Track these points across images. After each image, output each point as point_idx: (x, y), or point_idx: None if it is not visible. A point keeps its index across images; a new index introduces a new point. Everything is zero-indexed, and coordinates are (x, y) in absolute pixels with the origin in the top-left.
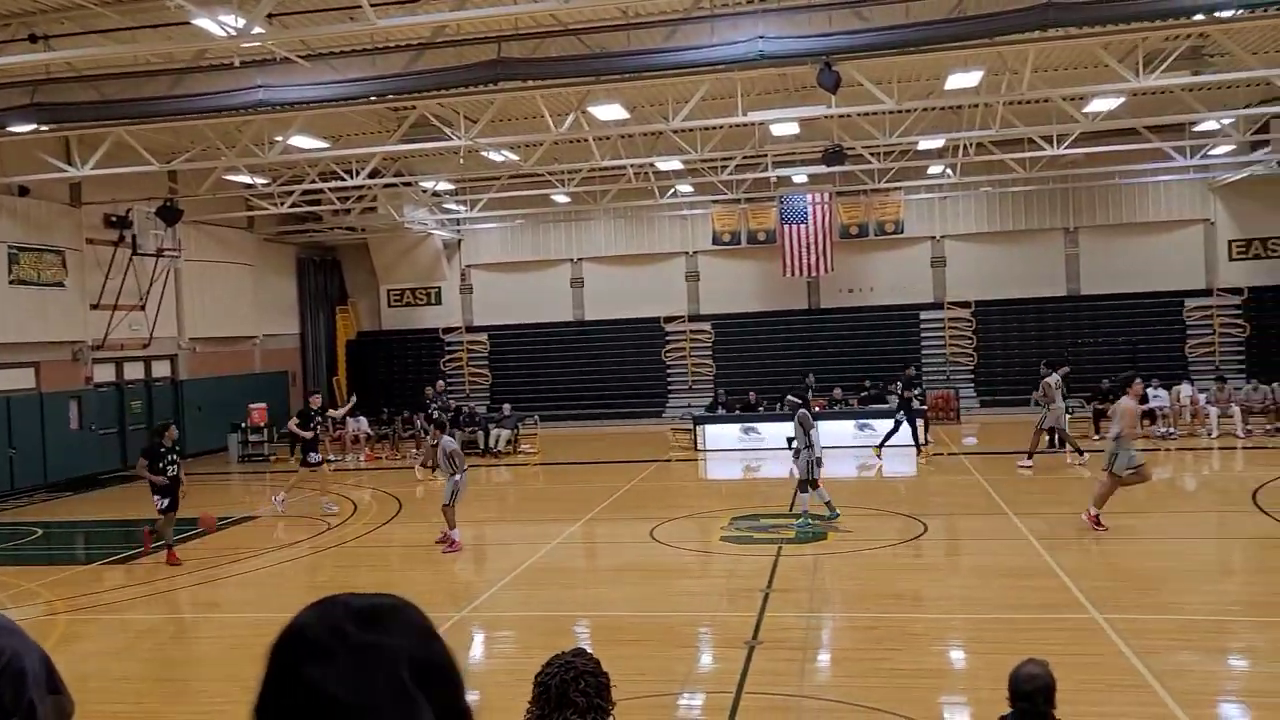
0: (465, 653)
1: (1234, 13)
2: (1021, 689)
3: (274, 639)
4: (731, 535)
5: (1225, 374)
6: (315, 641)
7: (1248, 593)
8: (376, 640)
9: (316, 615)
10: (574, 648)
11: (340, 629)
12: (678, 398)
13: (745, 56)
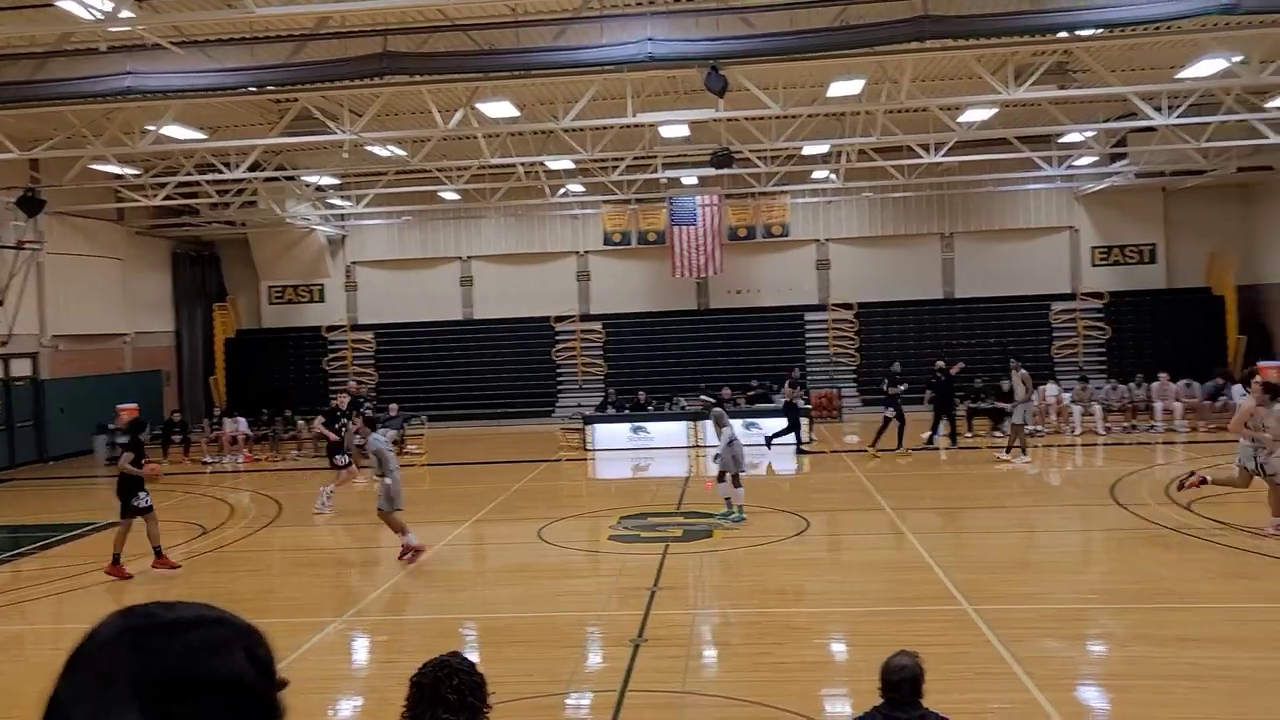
0: (348, 659)
1: (1093, 32)
2: (891, 679)
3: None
4: (620, 534)
5: (1087, 374)
6: (78, 652)
7: (1106, 582)
8: (111, 655)
9: (99, 626)
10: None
11: (107, 640)
12: (568, 397)
13: (634, 58)
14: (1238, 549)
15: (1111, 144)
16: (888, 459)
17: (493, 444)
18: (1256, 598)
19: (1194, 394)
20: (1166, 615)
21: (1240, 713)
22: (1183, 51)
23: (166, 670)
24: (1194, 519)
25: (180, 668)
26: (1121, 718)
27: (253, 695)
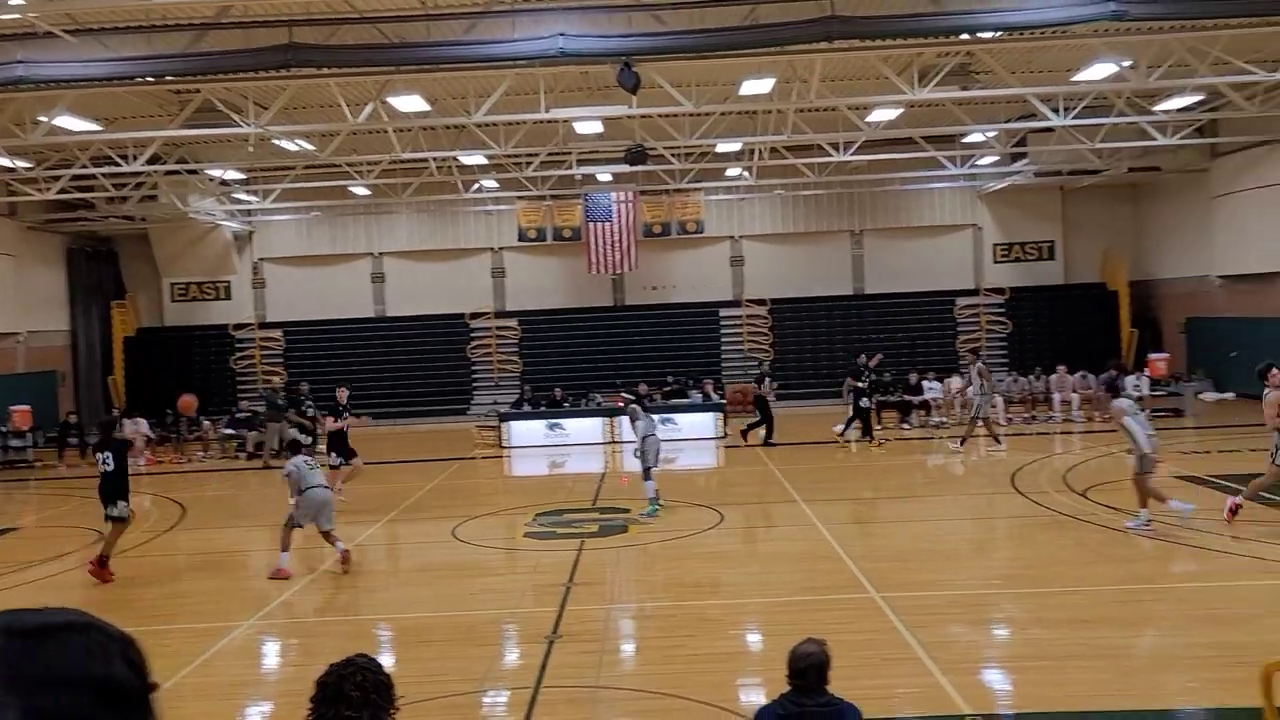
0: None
1: (993, 34)
2: (798, 666)
3: None
4: (535, 531)
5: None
6: None
7: (1007, 567)
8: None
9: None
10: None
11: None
12: (483, 394)
13: (546, 53)
14: (1124, 533)
15: (1012, 144)
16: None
17: (406, 442)
18: (1140, 579)
19: (1089, 385)
20: (1062, 598)
21: (1126, 689)
22: (1078, 55)
23: (43, 670)
24: (1087, 505)
25: (57, 668)
26: (1019, 698)
27: (132, 697)
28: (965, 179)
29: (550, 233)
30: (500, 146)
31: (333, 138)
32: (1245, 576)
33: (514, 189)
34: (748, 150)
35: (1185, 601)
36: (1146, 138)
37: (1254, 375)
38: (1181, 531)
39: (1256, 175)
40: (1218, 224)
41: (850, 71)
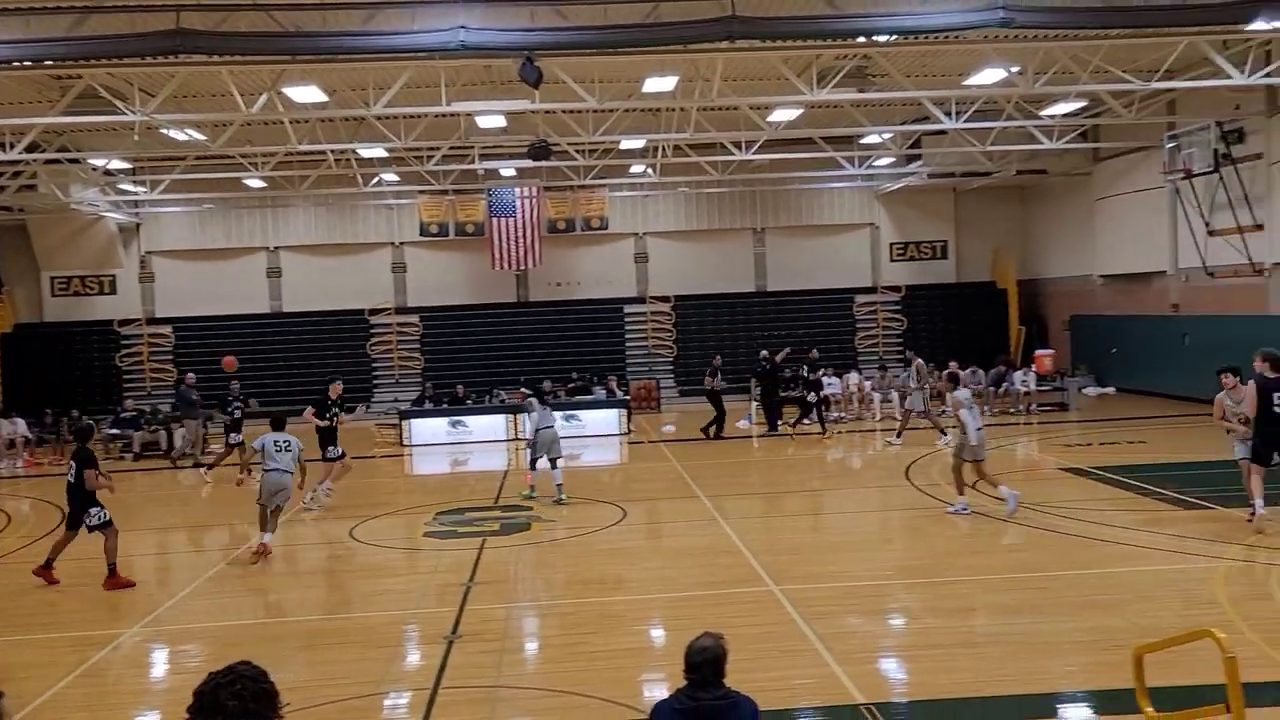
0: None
1: (889, 38)
2: (694, 661)
3: None
4: (436, 530)
5: (886, 363)
6: None
7: (902, 558)
8: None
9: None
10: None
11: None
12: (384, 392)
13: (447, 45)
14: (1012, 523)
15: (907, 146)
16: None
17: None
18: (1025, 568)
19: (980, 381)
20: (952, 588)
21: (1010, 675)
22: (969, 60)
23: None
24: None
25: None
26: (911, 686)
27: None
28: (863, 179)
29: (453, 228)
30: (401, 140)
31: (225, 128)
32: (1121, 564)
33: (415, 183)
34: (651, 147)
35: (1067, 588)
36: (1033, 141)
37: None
38: (1064, 522)
39: (1133, 180)
40: (1099, 226)
41: (751, 71)
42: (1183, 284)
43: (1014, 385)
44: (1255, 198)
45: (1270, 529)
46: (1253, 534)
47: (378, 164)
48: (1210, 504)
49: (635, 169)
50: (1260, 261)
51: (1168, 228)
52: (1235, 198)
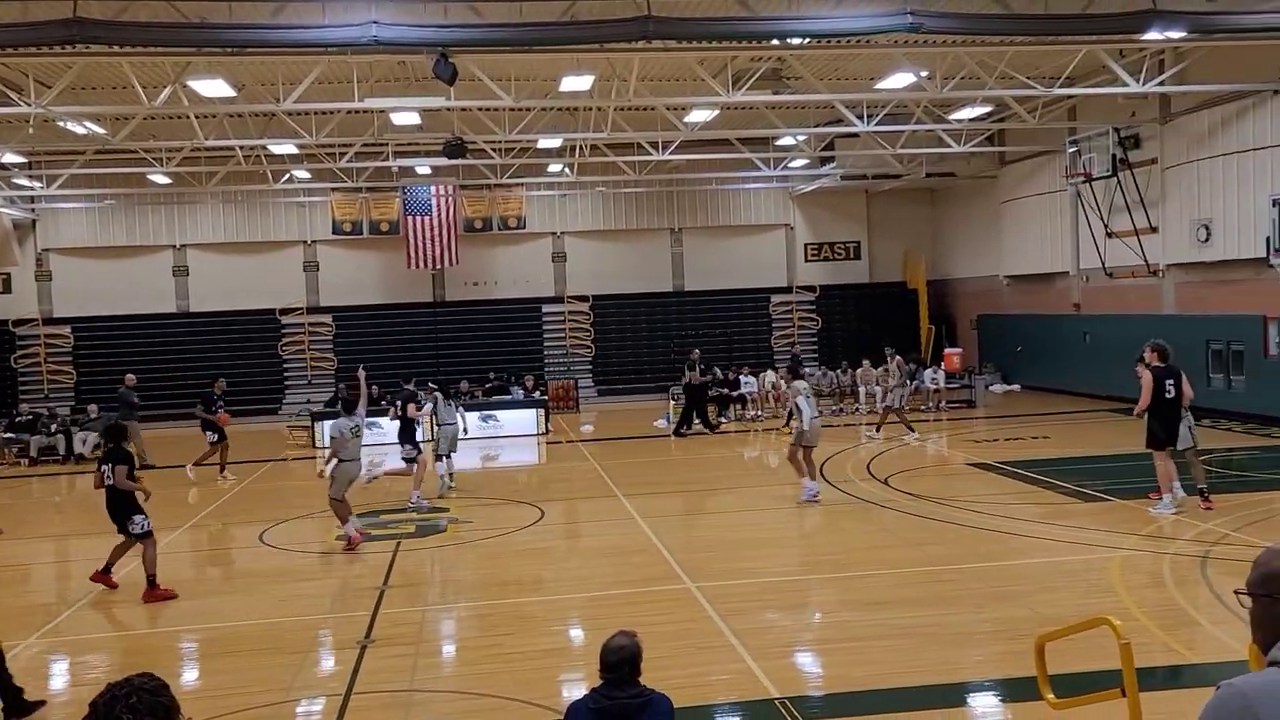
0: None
1: (801, 41)
2: (610, 660)
3: None
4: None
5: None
6: None
7: (815, 553)
8: None
9: None
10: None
11: None
12: (296, 393)
13: (359, 40)
14: (924, 517)
15: (821, 148)
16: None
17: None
18: (936, 561)
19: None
20: (866, 581)
21: (919, 665)
22: (880, 64)
23: None
24: (889, 492)
25: None
26: (825, 679)
27: None
28: (778, 180)
29: (366, 226)
30: (312, 136)
31: (127, 121)
32: (1025, 556)
33: (328, 180)
34: (569, 147)
35: (974, 580)
36: (942, 145)
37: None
38: (971, 516)
39: (1037, 183)
40: (1005, 227)
41: (668, 72)
42: (1083, 284)
43: (924, 383)
44: (1150, 201)
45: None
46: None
47: (289, 161)
48: (1108, 496)
49: (553, 168)
50: (1155, 263)
51: (1069, 230)
52: (1132, 201)
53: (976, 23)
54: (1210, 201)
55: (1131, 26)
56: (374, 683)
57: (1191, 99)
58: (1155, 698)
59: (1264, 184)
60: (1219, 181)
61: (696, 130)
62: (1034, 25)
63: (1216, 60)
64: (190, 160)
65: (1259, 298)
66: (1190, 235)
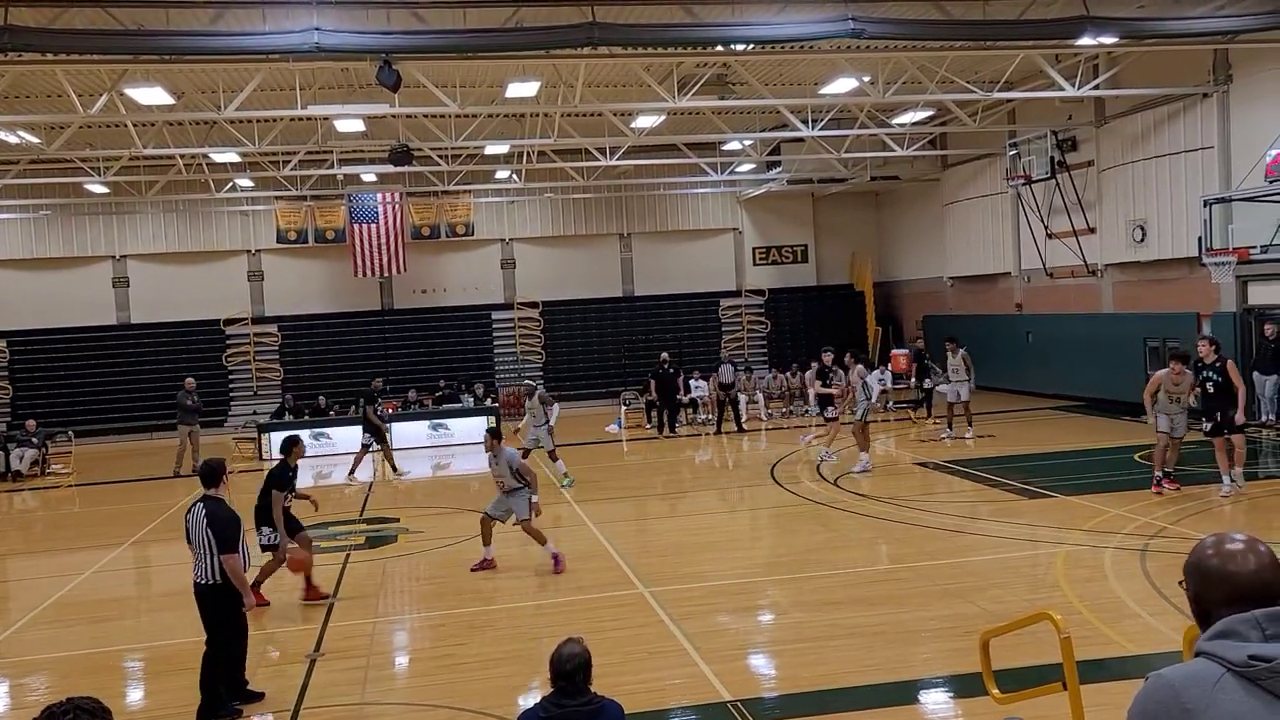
0: None
1: (746, 47)
2: (563, 668)
3: None
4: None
5: (752, 364)
6: None
7: (767, 556)
8: None
9: None
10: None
11: None
12: (241, 405)
13: (300, 47)
14: (872, 517)
15: (767, 153)
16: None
17: (155, 459)
18: (884, 560)
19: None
20: (816, 582)
21: (870, 665)
22: (824, 70)
23: None
24: (838, 493)
25: None
26: (777, 680)
27: None
28: (726, 185)
29: (312, 234)
30: (255, 144)
31: (62, 130)
32: (972, 553)
33: (271, 188)
34: (516, 153)
35: (923, 579)
36: (886, 149)
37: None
38: (919, 514)
39: (979, 185)
40: (948, 229)
41: (614, 78)
42: (1025, 284)
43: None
44: (1088, 203)
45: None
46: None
47: (231, 169)
48: (1052, 492)
49: (500, 174)
50: (1094, 263)
51: (1011, 231)
52: (1070, 203)
53: (916, 28)
54: (1145, 202)
55: (1065, 32)
56: (324, 696)
57: (1125, 102)
58: (1097, 689)
59: (1195, 185)
60: (1152, 183)
61: (643, 136)
62: (972, 31)
63: (1148, 65)
64: (129, 169)
65: (1192, 296)
66: (1126, 235)
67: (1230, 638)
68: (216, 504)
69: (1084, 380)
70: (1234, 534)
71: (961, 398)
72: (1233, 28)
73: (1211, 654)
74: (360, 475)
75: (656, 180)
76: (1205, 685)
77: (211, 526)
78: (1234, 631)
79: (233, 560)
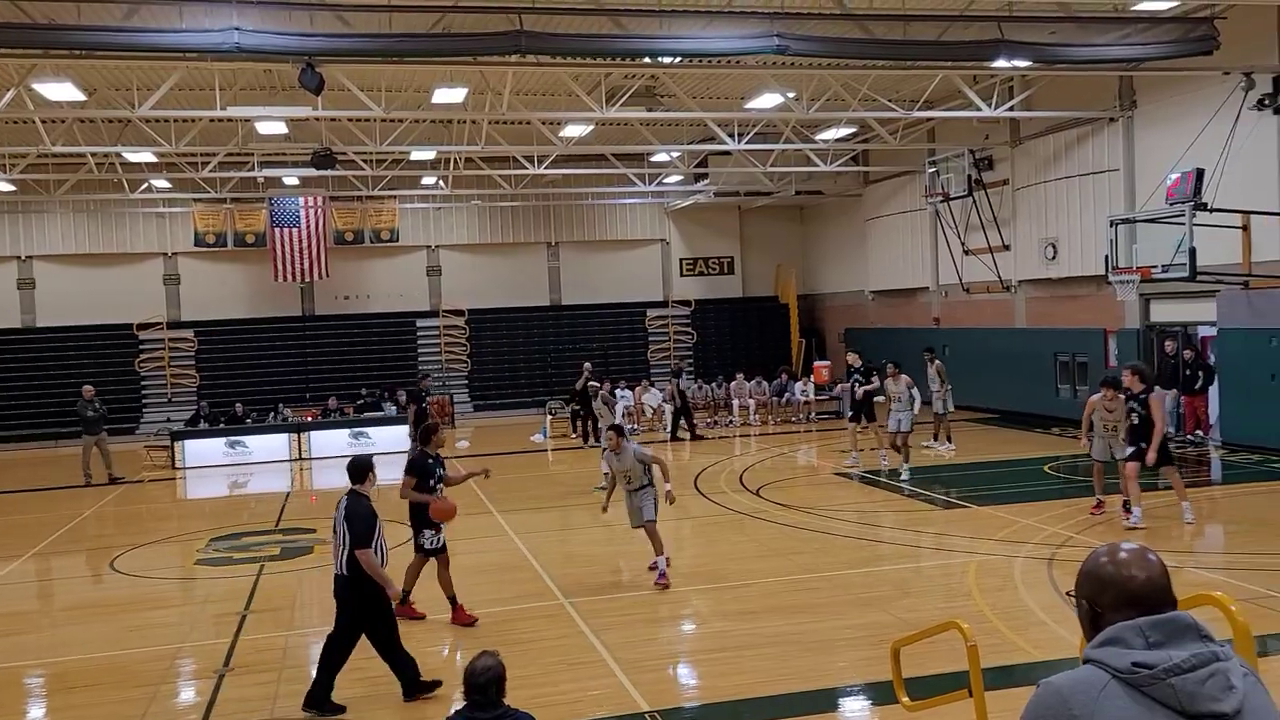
0: None
1: (673, 60)
2: (477, 681)
3: None
4: (209, 558)
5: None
6: None
7: (689, 565)
8: None
9: None
10: None
11: None
12: (155, 412)
13: (220, 47)
14: (794, 527)
15: (695, 165)
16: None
17: (60, 468)
18: (804, 570)
19: (764, 391)
20: (737, 592)
21: (787, 673)
22: (749, 84)
23: None
24: (761, 503)
25: None
26: (697, 689)
27: None
28: (654, 196)
29: (231, 238)
30: (172, 144)
31: None
32: (888, 562)
33: (189, 190)
34: (443, 159)
35: (840, 588)
36: (810, 164)
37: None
38: (839, 524)
39: (899, 202)
40: (870, 244)
41: (542, 87)
42: (943, 299)
43: (795, 395)
44: (1003, 221)
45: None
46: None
47: (147, 169)
48: (967, 503)
49: (427, 180)
50: (1008, 279)
51: (929, 247)
52: (986, 220)
53: (839, 46)
54: (1056, 221)
55: (981, 54)
56: (232, 712)
57: (1038, 124)
58: (1004, 695)
59: (1103, 205)
60: (1063, 202)
61: (572, 145)
62: (893, 50)
63: (1060, 89)
64: (37, 167)
65: (1100, 312)
66: (1039, 253)
67: (1116, 645)
68: (357, 499)
69: (998, 393)
70: (1127, 543)
71: (938, 410)
72: (1137, 55)
73: (1098, 661)
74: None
75: (585, 190)
76: (1091, 692)
77: (348, 520)
78: (1119, 639)
79: (365, 555)
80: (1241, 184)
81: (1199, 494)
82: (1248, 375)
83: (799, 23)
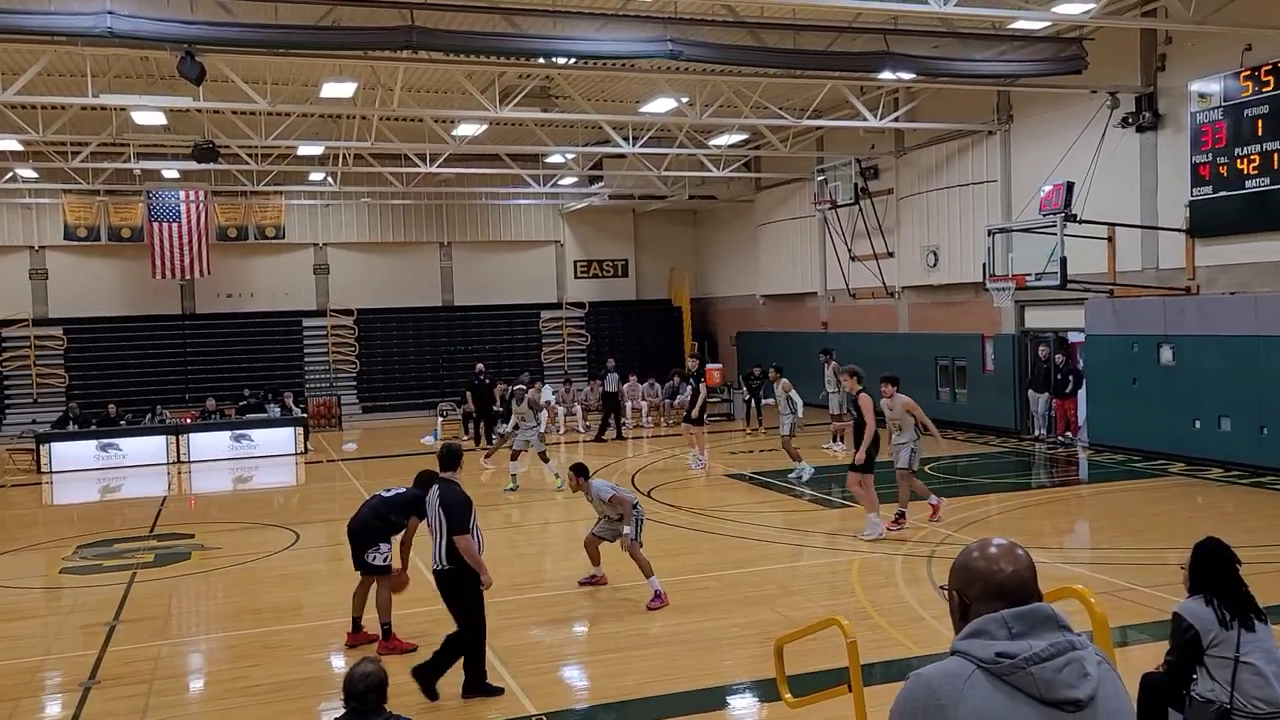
0: None
1: (567, 60)
2: (356, 688)
3: None
4: (75, 566)
5: (571, 376)
6: None
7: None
8: None
9: None
10: None
11: None
12: (18, 413)
13: (91, 31)
14: (683, 528)
15: (589, 167)
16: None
17: None
18: (693, 570)
19: (656, 394)
20: (628, 593)
21: (675, 672)
22: (644, 88)
23: None
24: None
25: None
26: (586, 691)
27: None
28: (548, 197)
29: (105, 232)
30: (39, 132)
31: None
32: (775, 561)
33: (59, 180)
34: (331, 155)
35: (728, 587)
36: (703, 169)
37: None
38: (727, 524)
39: (789, 208)
40: (761, 249)
41: (435, 84)
42: (830, 304)
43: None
44: (887, 229)
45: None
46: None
47: (11, 158)
48: (850, 503)
49: (314, 176)
50: (892, 285)
51: (818, 253)
52: (871, 228)
53: (731, 53)
54: (937, 230)
55: (867, 65)
56: None
57: (921, 135)
58: (885, 690)
59: (981, 215)
60: (944, 211)
61: (465, 144)
62: (782, 59)
63: (942, 101)
64: None
65: (978, 319)
66: (921, 260)
67: (981, 636)
68: (450, 487)
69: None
70: (997, 539)
71: (834, 411)
72: (1012, 72)
73: (964, 652)
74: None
75: (478, 190)
76: (957, 682)
77: (444, 508)
78: (984, 631)
79: (464, 540)
80: (1107, 197)
81: (1068, 493)
82: (1112, 379)
83: (692, 28)
